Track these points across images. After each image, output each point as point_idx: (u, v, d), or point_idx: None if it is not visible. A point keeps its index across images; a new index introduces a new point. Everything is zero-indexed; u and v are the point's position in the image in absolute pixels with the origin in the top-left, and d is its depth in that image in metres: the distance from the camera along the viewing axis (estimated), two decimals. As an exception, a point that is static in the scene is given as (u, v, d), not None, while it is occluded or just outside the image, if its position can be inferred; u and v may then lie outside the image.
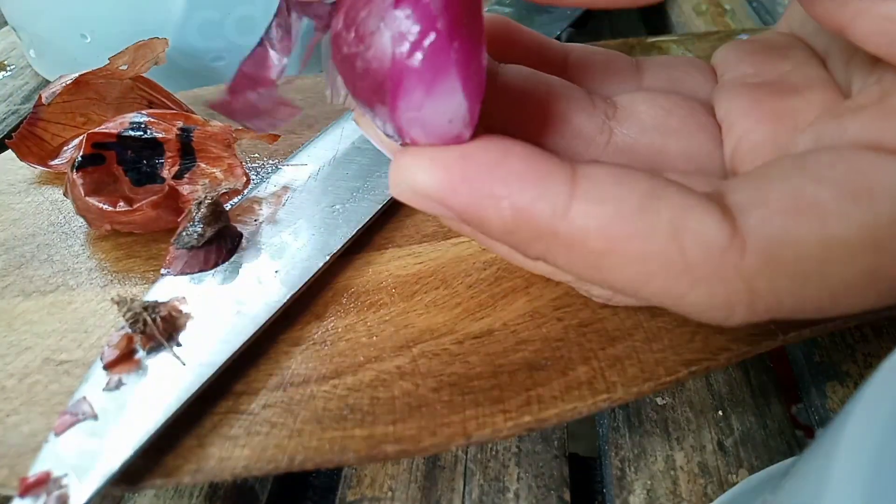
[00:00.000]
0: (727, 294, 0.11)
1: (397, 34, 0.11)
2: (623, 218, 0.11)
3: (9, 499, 0.14)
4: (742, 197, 0.11)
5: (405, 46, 0.11)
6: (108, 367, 0.16)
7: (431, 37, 0.10)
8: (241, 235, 0.19)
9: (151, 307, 0.17)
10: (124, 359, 0.16)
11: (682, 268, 0.11)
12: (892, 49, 0.11)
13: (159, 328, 0.16)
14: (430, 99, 0.11)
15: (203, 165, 0.21)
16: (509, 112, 0.15)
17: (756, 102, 0.14)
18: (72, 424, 0.15)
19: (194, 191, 0.20)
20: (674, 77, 0.17)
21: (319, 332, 0.17)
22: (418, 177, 0.12)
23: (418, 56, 0.11)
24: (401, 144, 0.12)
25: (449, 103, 0.11)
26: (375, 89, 0.11)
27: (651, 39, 0.31)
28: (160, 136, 0.21)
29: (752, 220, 0.11)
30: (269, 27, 0.13)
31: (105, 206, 0.19)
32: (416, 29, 0.10)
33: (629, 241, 0.11)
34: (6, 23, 0.36)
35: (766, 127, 0.14)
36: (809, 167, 0.11)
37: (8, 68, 0.36)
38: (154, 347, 0.16)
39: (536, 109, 0.15)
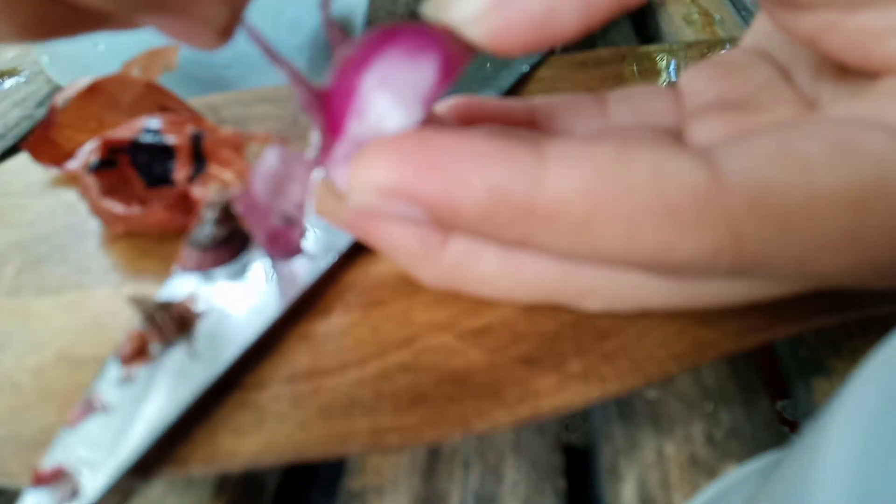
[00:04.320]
0: (715, 238, 0.11)
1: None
2: (602, 176, 0.10)
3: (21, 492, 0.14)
4: (722, 146, 0.11)
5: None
6: (122, 362, 0.17)
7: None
8: (250, 236, 0.20)
9: (165, 305, 0.17)
10: (138, 354, 0.17)
11: (669, 217, 0.10)
12: (865, 61, 0.12)
13: (172, 325, 0.17)
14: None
15: (214, 169, 0.21)
16: None
17: (726, 123, 0.15)
18: (85, 418, 0.15)
19: (206, 194, 0.21)
20: (638, 108, 0.17)
21: (326, 328, 0.18)
22: (380, 174, 0.11)
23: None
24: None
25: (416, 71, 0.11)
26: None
27: (643, 49, 0.32)
28: (172, 140, 0.21)
29: (734, 162, 0.11)
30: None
31: (119, 208, 0.20)
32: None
33: (613, 200, 0.10)
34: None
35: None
36: (796, 126, 0.11)
37: (22, 73, 0.37)
38: (167, 344, 0.17)
39: None
